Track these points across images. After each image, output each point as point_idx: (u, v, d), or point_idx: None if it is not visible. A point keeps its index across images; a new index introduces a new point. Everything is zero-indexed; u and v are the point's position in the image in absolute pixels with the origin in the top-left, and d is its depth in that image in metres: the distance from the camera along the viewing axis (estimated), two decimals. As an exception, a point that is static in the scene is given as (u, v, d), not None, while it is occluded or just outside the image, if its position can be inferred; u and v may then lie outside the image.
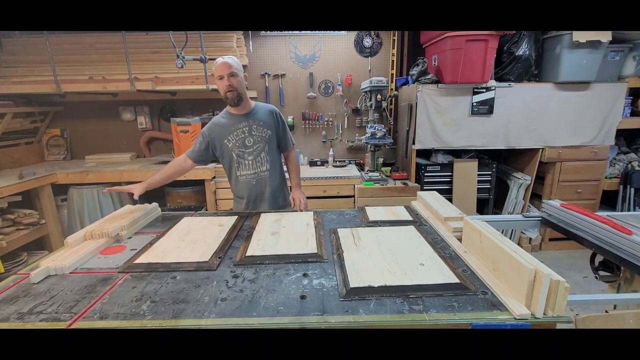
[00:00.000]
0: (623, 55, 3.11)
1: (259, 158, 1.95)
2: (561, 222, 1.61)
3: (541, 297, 0.91)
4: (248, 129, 1.91)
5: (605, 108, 3.16)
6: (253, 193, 1.99)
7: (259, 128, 1.92)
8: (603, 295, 1.25)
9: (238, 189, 2.02)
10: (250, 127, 1.91)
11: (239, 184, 2.00)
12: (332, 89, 3.81)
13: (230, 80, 1.79)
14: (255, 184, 1.97)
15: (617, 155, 3.56)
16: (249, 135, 1.91)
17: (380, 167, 3.57)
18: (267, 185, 1.99)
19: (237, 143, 1.91)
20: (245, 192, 2.00)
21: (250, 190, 1.99)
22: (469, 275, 1.15)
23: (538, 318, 0.92)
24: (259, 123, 1.92)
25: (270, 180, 1.99)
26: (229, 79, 1.79)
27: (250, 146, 1.92)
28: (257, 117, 1.93)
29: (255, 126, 1.92)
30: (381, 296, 1.03)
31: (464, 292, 1.04)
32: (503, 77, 3.17)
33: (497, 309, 0.96)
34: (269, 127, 1.95)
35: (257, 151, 1.93)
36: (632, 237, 1.27)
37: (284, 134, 2.03)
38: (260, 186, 1.99)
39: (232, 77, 1.79)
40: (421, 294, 1.04)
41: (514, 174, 3.47)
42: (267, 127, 1.94)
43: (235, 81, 1.80)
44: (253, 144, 1.92)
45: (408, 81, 3.31)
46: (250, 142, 1.92)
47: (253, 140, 1.92)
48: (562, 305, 0.91)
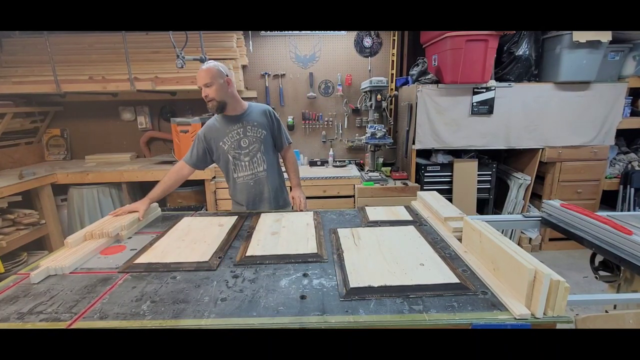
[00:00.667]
0: (623, 55, 3.11)
1: (255, 159, 1.94)
2: (561, 222, 1.61)
3: (541, 297, 0.91)
4: (242, 130, 1.90)
5: (605, 108, 3.16)
6: (252, 194, 1.98)
7: (253, 129, 1.91)
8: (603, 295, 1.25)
9: (237, 192, 2.01)
10: (244, 128, 1.90)
11: (237, 186, 1.99)
12: (332, 89, 3.81)
13: (205, 91, 1.78)
14: (253, 185, 1.97)
15: (617, 155, 3.56)
16: (243, 136, 1.90)
17: (380, 167, 3.57)
18: (266, 186, 1.99)
19: (233, 145, 1.90)
20: (244, 195, 1.99)
21: (249, 192, 1.98)
22: (469, 275, 1.15)
23: (538, 318, 0.92)
24: (253, 124, 1.92)
25: (268, 181, 1.98)
26: (205, 90, 1.78)
27: (246, 147, 1.91)
28: (251, 117, 1.92)
29: (250, 127, 1.91)
30: (381, 296, 1.03)
31: (464, 292, 1.04)
32: (503, 77, 3.17)
33: (497, 309, 0.96)
34: (264, 127, 1.94)
35: (252, 152, 1.93)
36: (632, 237, 1.27)
37: (279, 133, 2.02)
38: (259, 187, 1.98)
39: (206, 87, 1.77)
40: (421, 294, 1.04)
41: (514, 174, 3.47)
42: (261, 127, 1.93)
43: (211, 91, 1.77)
44: (248, 145, 1.91)
45: (408, 81, 3.31)
46: (245, 143, 1.91)
47: (248, 141, 1.91)
48: (562, 305, 0.91)
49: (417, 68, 3.16)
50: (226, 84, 1.82)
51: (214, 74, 1.78)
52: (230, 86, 1.85)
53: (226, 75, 1.84)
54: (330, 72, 3.78)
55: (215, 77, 1.78)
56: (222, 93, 1.81)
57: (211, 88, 1.77)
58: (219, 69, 1.80)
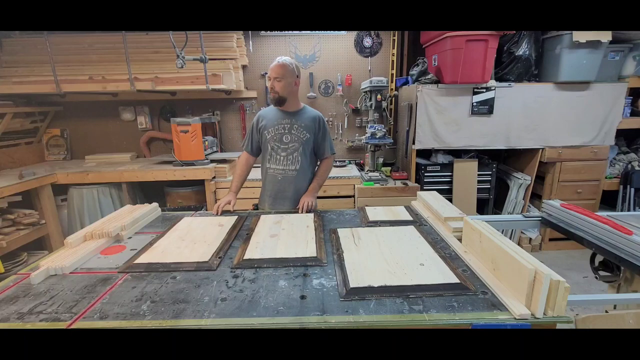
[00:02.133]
0: (623, 55, 3.11)
1: (291, 157, 1.99)
2: (561, 222, 1.61)
3: (541, 297, 0.91)
4: (289, 126, 1.96)
5: (606, 108, 3.16)
6: (276, 188, 2.03)
7: (299, 129, 1.97)
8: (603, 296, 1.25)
9: (266, 181, 2.08)
10: (291, 125, 1.97)
11: (267, 176, 2.06)
12: (332, 89, 3.81)
13: (273, 84, 1.88)
14: (280, 179, 2.01)
15: (617, 155, 3.56)
16: (288, 132, 1.97)
17: (380, 167, 3.57)
18: (292, 185, 2.01)
19: (275, 136, 1.97)
20: (269, 186, 2.05)
21: (274, 185, 2.03)
22: (469, 275, 1.15)
23: (538, 318, 0.92)
24: (301, 124, 1.97)
25: (296, 181, 2.01)
26: (273, 82, 1.88)
27: (287, 143, 1.97)
28: (301, 118, 1.99)
29: (297, 126, 1.97)
30: (381, 296, 1.03)
31: (464, 292, 1.04)
32: (503, 77, 3.17)
33: (497, 309, 0.96)
34: (309, 131, 1.99)
35: (291, 149, 1.98)
36: (632, 237, 1.27)
37: (322, 141, 2.06)
38: (284, 184, 2.01)
39: (276, 81, 1.88)
40: (421, 294, 1.04)
41: (514, 174, 3.47)
42: (307, 130, 1.98)
43: (279, 85, 1.88)
44: (289, 142, 1.97)
45: (408, 81, 3.31)
46: (287, 139, 1.97)
47: (290, 138, 1.97)
48: (562, 305, 0.91)
49: (417, 68, 3.16)
50: (294, 83, 1.93)
51: (287, 72, 1.88)
52: (297, 86, 1.96)
53: (297, 76, 1.94)
54: (330, 72, 3.78)
55: (287, 75, 1.89)
56: (287, 90, 1.91)
57: (280, 83, 1.88)
58: (293, 68, 1.91)
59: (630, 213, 2.63)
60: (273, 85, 1.89)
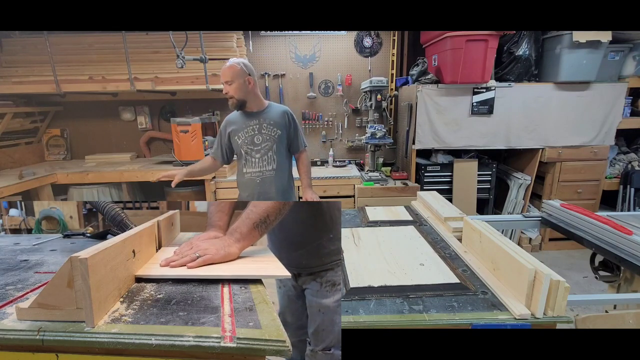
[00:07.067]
0: (623, 55, 3.11)
1: (266, 157, 1.95)
2: (561, 222, 1.61)
3: (541, 297, 0.91)
4: (258, 127, 1.93)
5: (606, 108, 3.15)
6: (256, 192, 1.98)
7: (269, 127, 1.93)
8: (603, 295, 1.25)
9: (243, 187, 2.03)
10: (260, 125, 1.93)
11: (244, 181, 2.01)
12: (332, 89, 3.81)
13: (226, 88, 1.83)
14: (259, 182, 1.97)
15: (617, 155, 3.56)
16: (258, 133, 1.93)
17: (380, 167, 3.57)
18: (273, 186, 1.98)
19: (247, 140, 1.93)
20: (249, 191, 2.00)
21: (254, 189, 1.98)
22: (469, 275, 1.15)
23: (538, 318, 0.92)
24: (270, 122, 1.94)
25: (276, 181, 1.98)
26: (225, 86, 1.83)
27: (259, 144, 1.93)
28: (269, 116, 1.95)
29: (266, 125, 1.93)
30: (381, 296, 1.03)
31: (464, 292, 1.04)
32: (503, 77, 3.17)
33: (497, 309, 0.96)
34: (279, 127, 1.95)
35: (264, 149, 1.94)
36: (632, 237, 1.27)
37: (295, 135, 2.03)
38: (265, 185, 1.98)
39: (227, 84, 1.82)
40: (421, 294, 1.04)
41: (514, 174, 3.47)
42: (277, 127, 1.95)
43: (231, 88, 1.82)
44: (261, 142, 1.93)
45: (408, 81, 3.31)
46: (259, 140, 1.93)
47: (262, 139, 1.93)
48: (562, 305, 0.91)
49: (417, 68, 3.16)
50: (247, 83, 1.85)
51: (236, 73, 1.81)
52: (252, 85, 1.88)
53: (248, 74, 1.86)
54: (330, 72, 3.78)
55: (237, 76, 1.81)
56: (242, 92, 1.84)
57: (232, 86, 1.81)
58: (241, 67, 1.83)
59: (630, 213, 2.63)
60: (226, 90, 1.83)
